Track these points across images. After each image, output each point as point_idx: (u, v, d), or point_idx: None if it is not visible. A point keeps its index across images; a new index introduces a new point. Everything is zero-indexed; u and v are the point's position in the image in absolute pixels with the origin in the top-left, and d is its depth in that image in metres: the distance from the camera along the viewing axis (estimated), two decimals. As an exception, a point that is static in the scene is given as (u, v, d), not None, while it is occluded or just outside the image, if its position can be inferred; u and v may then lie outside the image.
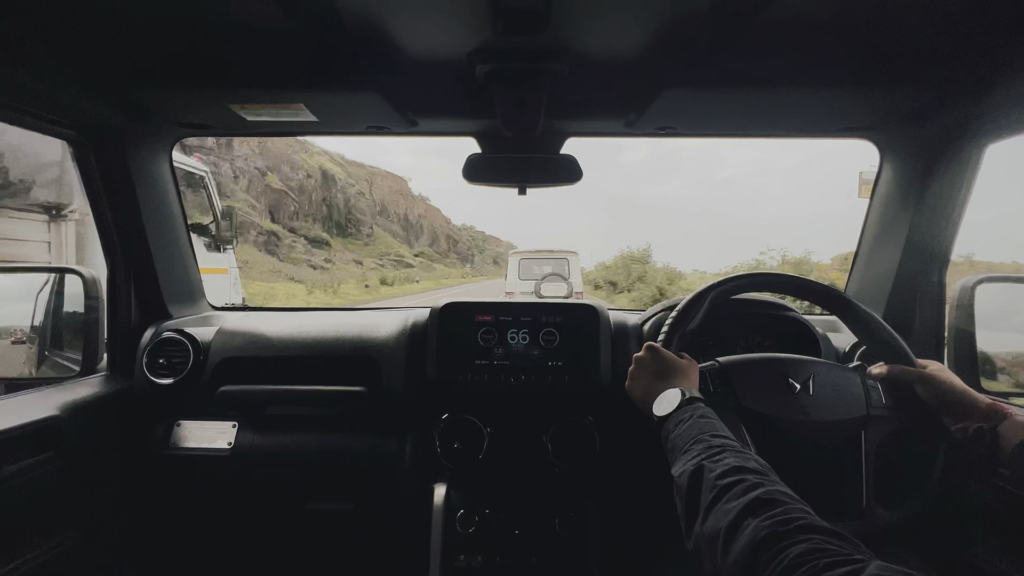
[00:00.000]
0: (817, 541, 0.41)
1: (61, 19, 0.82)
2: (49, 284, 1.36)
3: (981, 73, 0.89)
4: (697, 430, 0.66)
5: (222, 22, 0.82)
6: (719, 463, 0.57)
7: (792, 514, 0.46)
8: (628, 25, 0.82)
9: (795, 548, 0.41)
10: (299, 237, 36.95)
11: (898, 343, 0.86)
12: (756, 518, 0.46)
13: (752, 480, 0.52)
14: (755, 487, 0.51)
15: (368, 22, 0.82)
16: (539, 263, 8.88)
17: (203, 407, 1.20)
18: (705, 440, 0.63)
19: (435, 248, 77.87)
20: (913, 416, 0.83)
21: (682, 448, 0.64)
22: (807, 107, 1.03)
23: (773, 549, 0.42)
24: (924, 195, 1.12)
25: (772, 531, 0.44)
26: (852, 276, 1.36)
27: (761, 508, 0.47)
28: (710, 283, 0.92)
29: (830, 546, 0.41)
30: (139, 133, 1.18)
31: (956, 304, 1.12)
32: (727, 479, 0.53)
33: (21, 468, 0.93)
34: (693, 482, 0.57)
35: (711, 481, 0.54)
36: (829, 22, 0.80)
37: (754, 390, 0.84)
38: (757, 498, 0.49)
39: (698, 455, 0.60)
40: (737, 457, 0.57)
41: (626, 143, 39.19)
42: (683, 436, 0.66)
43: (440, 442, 1.07)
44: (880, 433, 0.83)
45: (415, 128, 1.19)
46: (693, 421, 0.68)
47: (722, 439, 0.63)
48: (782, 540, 0.43)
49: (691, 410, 0.71)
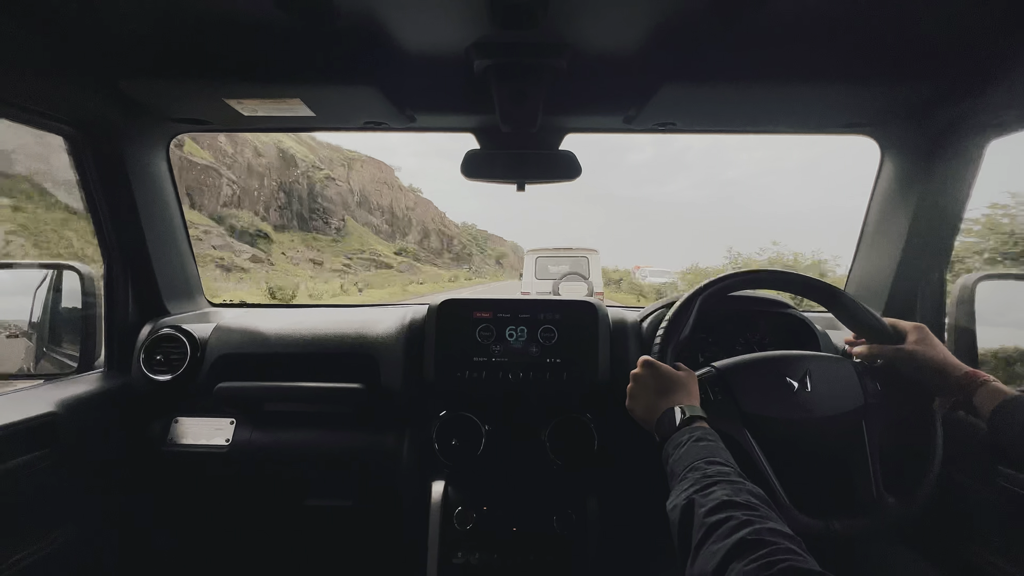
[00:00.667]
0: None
1: (56, 14, 0.81)
2: (47, 280, 1.35)
3: (982, 69, 0.88)
4: (692, 456, 0.65)
5: (219, 16, 0.82)
6: (708, 497, 0.56)
7: (777, 556, 0.45)
8: (627, 19, 0.81)
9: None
10: (223, 228, 27.88)
11: (874, 319, 0.86)
12: (740, 562, 0.46)
13: (741, 518, 0.52)
14: (743, 526, 0.50)
15: (365, 16, 0.81)
16: (557, 262, 8.48)
17: (201, 404, 1.20)
18: (700, 468, 0.62)
19: (425, 246, 67.31)
20: (905, 397, 0.84)
21: (679, 475, 0.64)
22: (807, 103, 1.02)
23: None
24: (925, 192, 1.11)
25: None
26: (852, 273, 1.36)
27: (746, 551, 0.47)
28: (696, 288, 0.91)
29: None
30: (135, 129, 1.17)
31: (957, 301, 1.12)
32: (715, 516, 0.53)
33: (18, 464, 0.93)
34: (684, 518, 0.57)
35: (700, 518, 0.54)
36: (829, 17, 0.79)
37: (755, 394, 0.84)
38: (743, 540, 0.48)
39: (690, 487, 0.60)
40: (727, 489, 0.57)
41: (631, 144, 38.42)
42: (680, 462, 0.66)
43: (438, 439, 1.07)
44: (880, 421, 0.84)
45: (413, 124, 1.18)
46: (689, 446, 0.67)
47: (717, 466, 0.62)
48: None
49: (688, 432, 0.70)
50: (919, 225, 1.14)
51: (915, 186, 1.13)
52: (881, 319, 0.86)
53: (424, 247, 66.20)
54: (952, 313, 1.13)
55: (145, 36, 0.88)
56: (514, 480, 1.11)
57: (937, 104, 0.99)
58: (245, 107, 1.04)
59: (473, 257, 78.91)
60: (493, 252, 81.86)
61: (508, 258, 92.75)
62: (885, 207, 1.23)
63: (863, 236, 1.31)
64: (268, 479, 1.25)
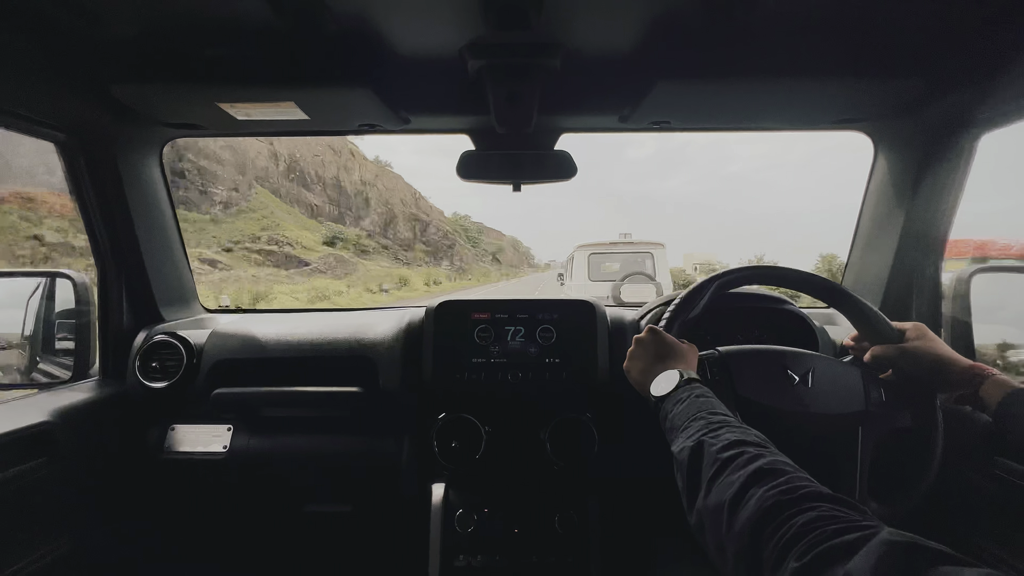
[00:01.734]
0: (824, 509, 0.41)
1: (47, 20, 0.80)
2: (40, 289, 1.34)
3: (974, 63, 0.89)
4: (695, 408, 0.65)
5: (211, 20, 0.81)
6: (719, 438, 0.56)
7: (797, 482, 0.45)
8: (620, 18, 0.81)
9: (802, 516, 0.40)
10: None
11: (881, 322, 0.86)
12: (761, 487, 0.45)
13: (753, 452, 0.52)
14: (757, 458, 0.50)
15: (359, 18, 0.81)
16: (613, 259, 7.11)
17: (197, 410, 1.19)
18: (704, 417, 0.63)
19: (391, 234, 49.54)
20: (908, 397, 0.83)
21: (681, 427, 0.64)
22: (800, 99, 1.02)
23: (780, 517, 0.41)
24: (918, 186, 1.12)
25: (778, 500, 0.43)
26: (848, 269, 1.36)
27: (765, 477, 0.47)
28: (714, 273, 0.93)
29: (838, 513, 0.40)
30: (128, 134, 1.16)
31: (952, 294, 1.12)
32: (728, 452, 0.53)
33: (13, 475, 0.91)
34: (694, 457, 0.56)
35: (712, 455, 0.54)
36: (821, 13, 0.80)
37: (752, 380, 0.84)
38: (760, 468, 0.48)
39: (698, 431, 0.60)
40: (736, 432, 0.57)
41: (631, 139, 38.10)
42: (681, 415, 0.66)
43: (438, 442, 1.07)
44: (878, 430, 0.83)
45: (408, 126, 1.18)
46: (691, 400, 0.68)
47: (720, 416, 0.62)
48: (789, 508, 0.42)
49: (689, 390, 0.71)
50: (913, 219, 1.15)
51: (908, 181, 1.14)
52: (887, 322, 0.86)
53: (390, 236, 49.60)
54: (948, 306, 1.14)
55: (137, 41, 0.88)
56: (515, 481, 1.11)
57: (929, 99, 1.00)
58: (238, 111, 1.03)
59: (457, 249, 57.23)
60: (489, 246, 72.97)
61: (506, 254, 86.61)
62: (879, 202, 1.24)
63: (858, 231, 1.32)
64: (266, 485, 1.24)
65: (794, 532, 0.39)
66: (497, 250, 76.85)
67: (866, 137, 1.23)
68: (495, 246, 77.57)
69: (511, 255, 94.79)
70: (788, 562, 0.38)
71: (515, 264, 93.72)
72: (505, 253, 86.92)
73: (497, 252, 75.82)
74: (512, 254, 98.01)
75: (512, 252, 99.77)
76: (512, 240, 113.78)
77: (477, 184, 1.26)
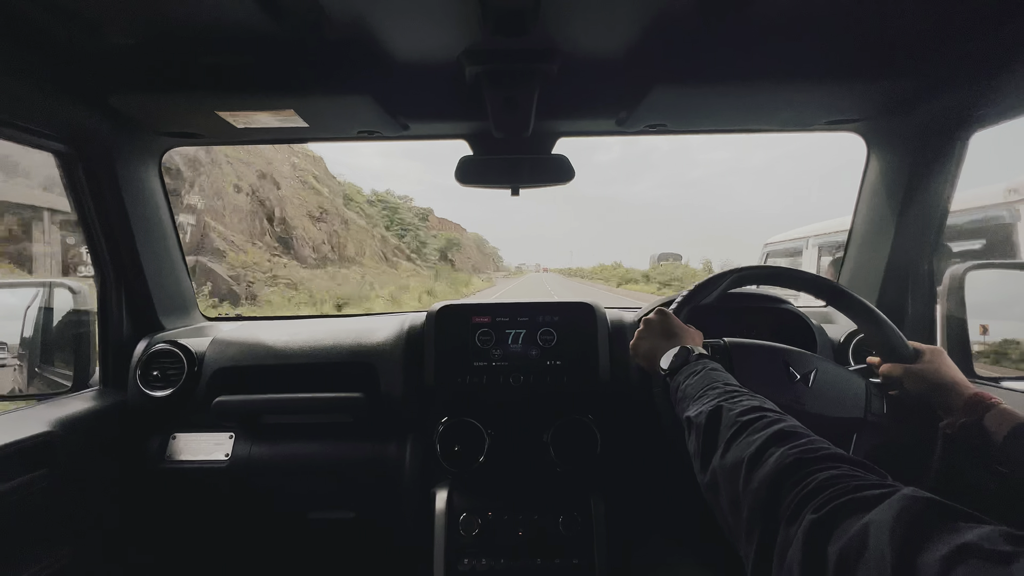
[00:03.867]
0: (845, 468, 0.41)
1: (44, 30, 0.81)
2: (38, 298, 1.33)
3: (964, 63, 0.90)
4: (711, 379, 0.66)
5: (209, 29, 0.82)
6: (737, 404, 0.57)
7: (818, 444, 0.45)
8: (616, 23, 0.82)
9: (822, 473, 0.40)
10: None
11: (898, 339, 0.86)
12: (781, 446, 0.46)
13: (773, 416, 0.52)
14: (777, 422, 0.51)
15: (357, 26, 0.82)
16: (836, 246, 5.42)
17: (199, 419, 1.19)
18: (719, 387, 0.64)
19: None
20: (910, 417, 0.83)
21: (695, 396, 0.65)
22: (794, 100, 1.04)
23: (799, 474, 0.42)
24: (912, 185, 1.13)
25: (799, 458, 0.43)
26: (844, 267, 1.38)
27: (786, 439, 0.47)
28: (733, 268, 0.94)
29: (858, 473, 0.40)
30: (127, 144, 1.17)
31: (947, 291, 1.14)
32: (748, 416, 0.53)
33: (14, 486, 0.91)
34: (712, 420, 0.57)
35: (731, 418, 0.54)
36: (814, 15, 0.81)
37: (752, 371, 0.85)
38: (781, 431, 0.48)
39: (715, 398, 0.61)
40: (754, 399, 0.58)
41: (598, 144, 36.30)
42: (695, 385, 0.67)
43: (440, 446, 1.07)
44: (873, 440, 0.83)
45: (407, 132, 1.19)
46: (706, 372, 0.69)
47: (736, 386, 0.63)
48: (809, 466, 0.42)
49: (702, 363, 0.72)
50: (907, 218, 1.16)
51: (901, 180, 1.15)
52: (904, 339, 0.86)
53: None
54: (942, 303, 1.15)
55: (135, 51, 0.88)
56: (518, 484, 1.11)
57: (920, 99, 1.01)
58: (238, 120, 1.04)
59: (347, 236, 22.73)
60: (438, 240, 51.13)
61: (465, 251, 66.89)
62: (873, 201, 1.25)
63: (853, 231, 1.33)
64: (269, 493, 1.24)
65: (813, 487, 0.39)
66: (449, 245, 56.16)
67: (858, 137, 1.24)
68: (447, 239, 56.49)
69: (474, 256, 77.56)
70: (805, 514, 0.38)
71: (480, 266, 78.82)
72: (464, 251, 67.28)
73: (449, 248, 55.80)
74: (476, 255, 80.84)
75: (476, 252, 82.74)
76: (476, 237, 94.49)
77: (469, 188, 1.27)
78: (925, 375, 0.81)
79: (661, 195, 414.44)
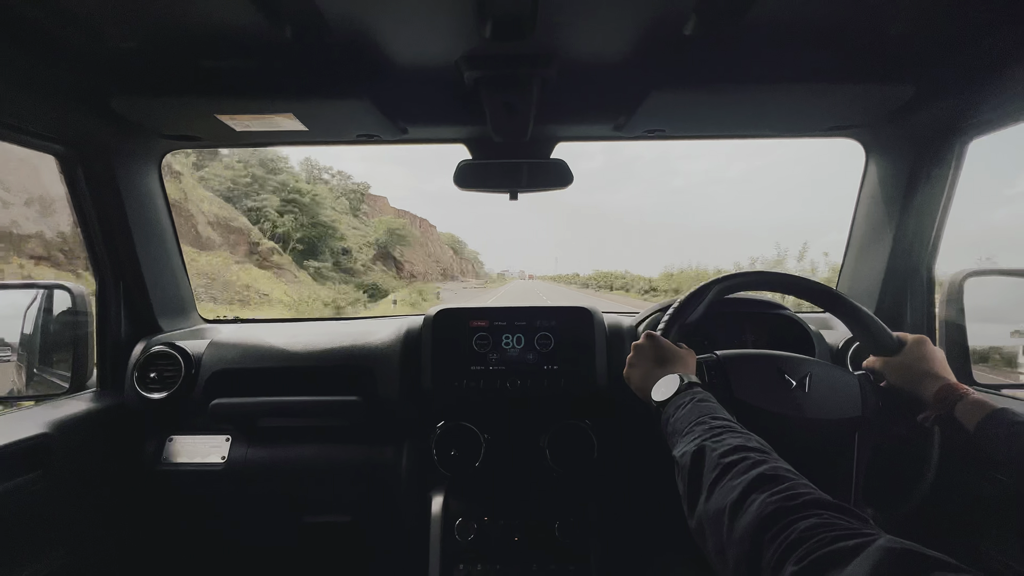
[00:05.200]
0: (825, 516, 0.41)
1: (46, 33, 0.81)
2: (37, 300, 1.34)
3: (962, 70, 0.90)
4: (697, 413, 0.66)
5: (210, 33, 0.82)
6: (721, 443, 0.56)
7: (798, 489, 0.45)
8: (614, 28, 0.83)
9: (803, 522, 0.40)
10: None
11: (879, 330, 0.86)
12: (762, 493, 0.46)
13: (755, 457, 0.52)
14: (759, 464, 0.50)
15: (356, 30, 0.82)
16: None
17: (195, 421, 1.19)
18: (706, 422, 0.63)
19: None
20: (901, 410, 0.83)
21: (682, 431, 0.64)
22: (792, 107, 1.04)
23: (780, 523, 0.42)
24: (910, 192, 1.13)
25: (779, 506, 0.43)
26: (843, 274, 1.37)
27: (766, 484, 0.47)
28: (714, 278, 0.93)
29: (838, 521, 0.40)
30: (127, 146, 1.17)
31: (946, 298, 1.13)
32: (730, 457, 0.53)
33: (10, 488, 0.91)
34: (695, 462, 0.56)
35: (714, 460, 0.54)
36: (811, 21, 0.81)
37: (749, 383, 0.85)
38: (762, 474, 0.48)
39: (699, 436, 0.60)
40: (738, 437, 0.57)
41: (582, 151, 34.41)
42: (683, 419, 0.66)
43: (437, 450, 1.07)
44: (874, 437, 0.84)
45: (405, 136, 1.19)
46: (693, 405, 0.68)
47: (723, 421, 0.63)
48: (790, 515, 0.42)
49: (691, 394, 0.71)
50: (905, 224, 1.16)
51: (900, 186, 1.15)
52: (885, 330, 0.86)
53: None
54: (941, 310, 1.15)
55: (136, 54, 0.89)
56: (514, 489, 1.10)
57: (919, 105, 1.01)
58: (237, 123, 1.04)
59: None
60: (372, 230, 36.51)
61: (428, 251, 52.80)
62: (871, 208, 1.25)
63: (851, 237, 1.33)
64: (265, 496, 1.23)
65: (794, 538, 0.39)
66: (392, 239, 38.69)
67: (857, 144, 1.24)
68: (387, 230, 38.20)
69: (444, 259, 60.85)
70: (787, 567, 0.38)
71: (450, 272, 62.80)
72: (424, 248, 51.28)
73: (392, 243, 38.70)
74: (447, 258, 63.86)
75: (446, 254, 66.02)
76: (450, 238, 78.25)
77: (459, 194, 1.27)
78: (908, 366, 0.81)
79: (644, 203, 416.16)
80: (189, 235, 17.00)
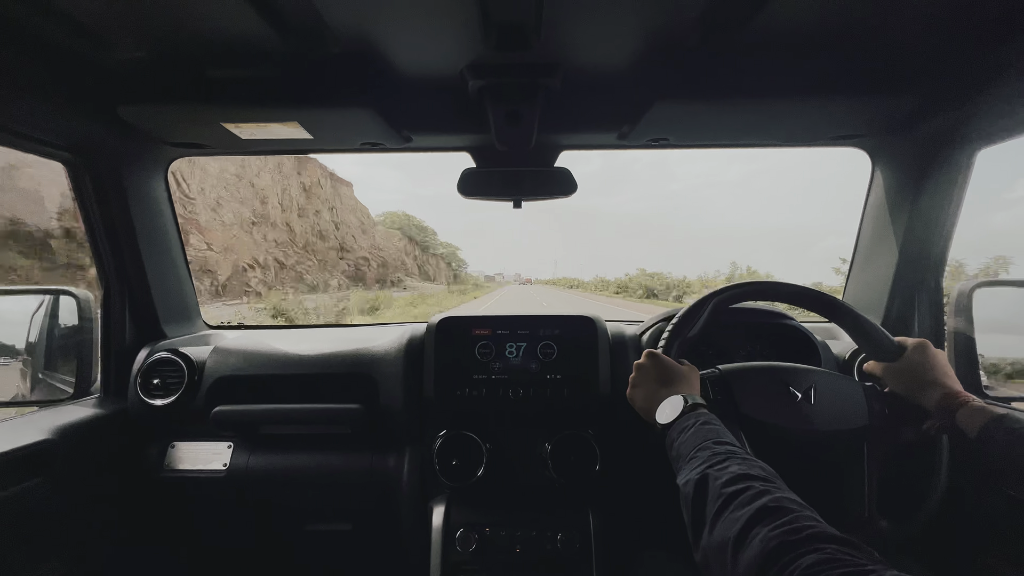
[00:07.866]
0: (829, 551, 0.40)
1: (54, 41, 0.82)
2: (44, 306, 1.34)
3: (969, 80, 0.90)
4: (701, 437, 0.65)
5: (216, 42, 0.83)
6: (724, 471, 0.55)
7: (802, 522, 0.44)
8: (618, 38, 0.83)
9: (807, 558, 0.40)
10: None
11: (879, 335, 0.85)
12: (765, 527, 0.45)
13: (758, 487, 0.51)
14: (762, 494, 0.49)
15: (361, 40, 0.83)
16: None
17: (198, 428, 1.19)
18: (709, 447, 0.62)
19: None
20: (906, 418, 0.82)
21: (687, 456, 0.63)
22: (798, 116, 1.04)
23: (784, 559, 0.41)
24: (917, 201, 1.12)
25: (783, 540, 0.42)
26: (849, 283, 1.36)
27: (769, 516, 0.46)
28: (712, 291, 0.92)
29: (843, 556, 0.39)
30: (134, 154, 1.18)
31: (954, 309, 1.12)
32: (733, 487, 0.52)
33: (13, 493, 0.91)
34: (699, 491, 0.56)
35: (717, 489, 0.53)
36: (818, 31, 0.81)
37: (755, 398, 0.84)
38: (764, 506, 0.47)
39: (703, 463, 0.59)
40: (742, 464, 0.56)
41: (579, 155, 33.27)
42: (687, 444, 0.65)
43: (438, 459, 1.06)
44: (884, 446, 0.82)
45: (409, 144, 1.19)
46: (697, 428, 0.67)
47: (727, 446, 0.62)
48: (794, 550, 0.41)
49: (694, 416, 0.70)
50: (912, 235, 1.15)
51: (907, 196, 1.14)
52: (886, 336, 0.85)
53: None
54: (950, 321, 1.13)
55: (143, 63, 0.90)
56: (516, 499, 1.09)
57: (925, 115, 1.01)
58: (243, 131, 1.05)
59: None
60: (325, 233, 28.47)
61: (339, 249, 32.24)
62: (878, 218, 1.24)
63: (858, 248, 1.32)
64: (266, 503, 1.23)
65: (798, 575, 0.39)
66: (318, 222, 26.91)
67: (863, 153, 1.23)
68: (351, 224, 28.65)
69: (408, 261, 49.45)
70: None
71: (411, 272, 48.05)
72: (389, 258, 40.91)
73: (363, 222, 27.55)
74: (435, 266, 56.00)
75: (438, 264, 58.00)
76: (404, 219, 57.73)
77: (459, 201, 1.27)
78: (909, 372, 0.79)
79: (641, 207, 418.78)
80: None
